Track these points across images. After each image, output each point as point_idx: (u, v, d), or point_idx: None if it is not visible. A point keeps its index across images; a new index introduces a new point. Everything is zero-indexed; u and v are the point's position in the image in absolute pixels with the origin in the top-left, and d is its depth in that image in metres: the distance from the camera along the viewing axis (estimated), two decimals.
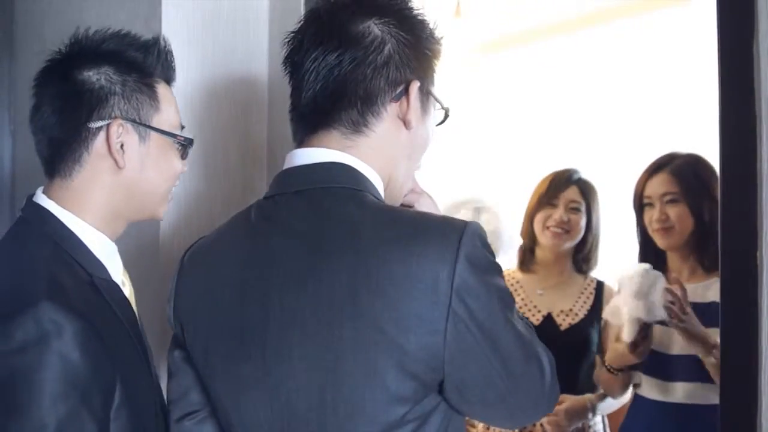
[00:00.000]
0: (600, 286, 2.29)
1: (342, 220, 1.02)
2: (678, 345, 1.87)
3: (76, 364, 1.00)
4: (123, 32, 1.22)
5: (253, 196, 1.32)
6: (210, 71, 1.67)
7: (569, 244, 2.27)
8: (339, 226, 1.02)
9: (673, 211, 1.92)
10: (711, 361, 1.73)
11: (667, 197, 1.93)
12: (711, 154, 1.79)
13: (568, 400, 2.11)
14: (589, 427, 2.17)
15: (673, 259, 1.99)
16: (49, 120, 1.16)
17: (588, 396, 2.15)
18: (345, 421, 0.99)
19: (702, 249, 1.92)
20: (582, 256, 2.30)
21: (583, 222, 2.26)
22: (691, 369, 1.81)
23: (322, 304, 0.99)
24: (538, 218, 2.28)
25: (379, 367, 0.96)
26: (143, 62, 1.20)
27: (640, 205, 1.99)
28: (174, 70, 1.26)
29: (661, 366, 1.90)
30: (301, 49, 1.11)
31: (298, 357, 1.01)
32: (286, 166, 1.13)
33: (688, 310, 1.75)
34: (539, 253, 2.32)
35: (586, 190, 2.29)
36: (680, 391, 1.86)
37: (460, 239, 0.96)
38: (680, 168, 1.94)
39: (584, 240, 2.28)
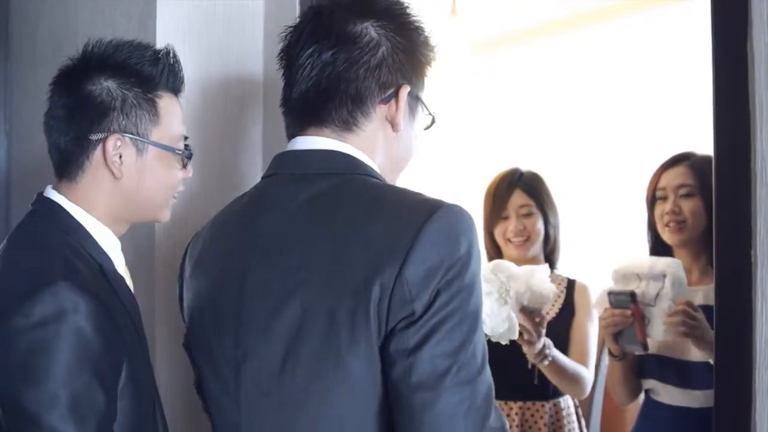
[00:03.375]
0: (571, 285, 2.23)
1: (326, 194, 1.06)
2: (695, 351, 1.77)
3: (90, 339, 1.07)
4: (135, 43, 1.26)
5: None
6: (205, 70, 1.66)
7: (535, 248, 2.22)
8: (321, 200, 1.06)
9: (687, 205, 1.83)
10: None
11: (683, 190, 1.84)
12: (705, 152, 1.78)
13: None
14: (563, 417, 2.13)
15: (681, 258, 1.86)
16: (57, 128, 1.23)
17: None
18: (302, 385, 1.02)
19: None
20: (549, 250, 2.25)
21: (539, 223, 2.20)
22: (709, 376, 1.64)
23: (289, 275, 1.03)
24: (498, 232, 2.23)
25: (337, 326, 0.99)
26: (148, 75, 1.24)
27: (653, 198, 1.90)
28: (182, 81, 1.29)
29: (678, 373, 1.81)
30: (297, 44, 1.13)
31: (263, 329, 1.05)
32: (285, 150, 1.16)
33: (699, 316, 1.68)
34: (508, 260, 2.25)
35: (531, 189, 2.22)
36: (698, 397, 1.77)
37: (433, 212, 0.99)
38: (700, 163, 1.84)
39: (547, 236, 2.23)
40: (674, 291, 1.74)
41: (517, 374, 2.04)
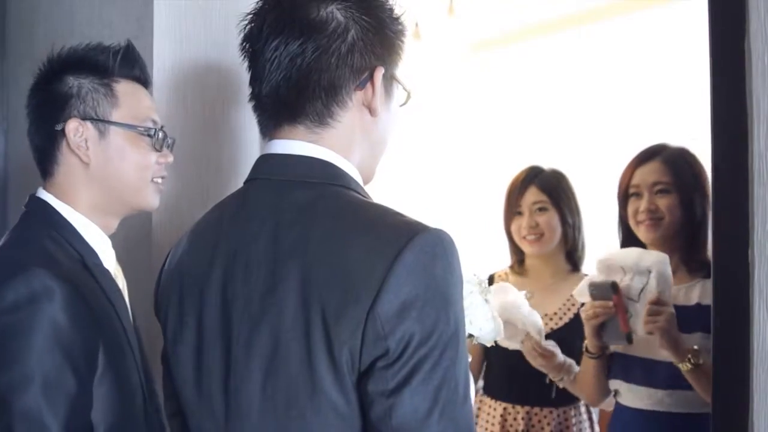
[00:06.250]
0: None
1: (303, 210, 1.02)
2: (661, 350, 1.70)
3: (63, 324, 1.10)
4: (93, 44, 1.33)
5: None
6: (203, 68, 1.66)
7: (550, 246, 2.18)
8: (299, 215, 1.01)
9: (663, 202, 1.78)
10: (685, 368, 1.63)
11: (658, 187, 1.79)
12: (703, 152, 1.77)
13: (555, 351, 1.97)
14: (572, 426, 2.11)
15: None
16: (30, 130, 1.32)
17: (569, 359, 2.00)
18: (282, 411, 0.99)
19: (689, 247, 1.79)
20: (569, 250, 2.21)
21: (554, 220, 2.16)
22: (677, 375, 1.67)
23: (265, 292, 1.00)
24: (513, 229, 2.21)
25: (312, 355, 0.95)
26: (103, 64, 1.30)
27: (626, 195, 1.85)
28: (140, 69, 1.34)
29: (642, 371, 1.77)
30: (260, 36, 1.08)
31: (244, 345, 1.02)
32: (264, 152, 1.12)
33: (664, 310, 1.65)
34: (528, 260, 2.25)
35: (548, 187, 2.18)
36: (665, 399, 1.73)
37: (409, 240, 0.94)
38: (673, 157, 1.81)
39: (565, 235, 2.19)
40: (659, 288, 1.71)
41: (524, 380, 2.02)
